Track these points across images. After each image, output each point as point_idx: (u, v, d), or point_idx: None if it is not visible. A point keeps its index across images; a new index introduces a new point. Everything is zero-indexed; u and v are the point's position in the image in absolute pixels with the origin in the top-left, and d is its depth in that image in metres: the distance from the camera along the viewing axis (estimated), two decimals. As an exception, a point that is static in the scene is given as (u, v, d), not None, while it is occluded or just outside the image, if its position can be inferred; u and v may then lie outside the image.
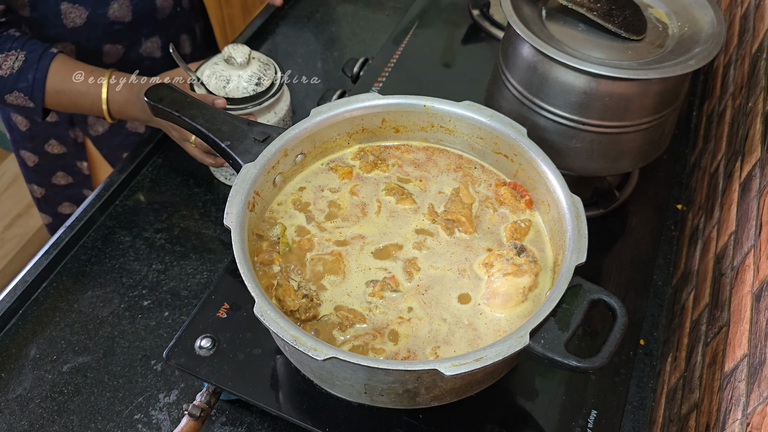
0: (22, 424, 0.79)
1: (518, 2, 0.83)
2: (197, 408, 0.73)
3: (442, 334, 0.68)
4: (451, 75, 1.18)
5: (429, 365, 0.57)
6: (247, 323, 0.76)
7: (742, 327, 0.65)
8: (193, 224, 0.99)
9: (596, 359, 0.61)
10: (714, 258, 0.82)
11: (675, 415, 0.77)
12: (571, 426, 0.72)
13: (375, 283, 0.72)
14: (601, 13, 0.82)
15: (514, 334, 0.60)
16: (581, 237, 0.67)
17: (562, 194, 0.72)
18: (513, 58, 0.85)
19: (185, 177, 1.05)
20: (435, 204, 0.80)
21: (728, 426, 0.61)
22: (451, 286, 0.72)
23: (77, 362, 0.84)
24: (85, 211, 0.98)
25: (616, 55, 0.80)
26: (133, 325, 0.88)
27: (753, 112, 0.84)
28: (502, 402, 0.74)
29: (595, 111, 0.80)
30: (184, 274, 0.93)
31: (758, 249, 0.67)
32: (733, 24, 1.10)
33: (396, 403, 0.68)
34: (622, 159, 0.86)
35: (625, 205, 0.98)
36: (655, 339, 0.84)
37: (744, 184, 0.79)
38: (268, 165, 0.75)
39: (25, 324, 0.88)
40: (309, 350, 0.58)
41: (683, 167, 1.07)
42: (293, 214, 0.78)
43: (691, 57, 0.77)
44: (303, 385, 0.72)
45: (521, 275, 0.69)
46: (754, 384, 0.58)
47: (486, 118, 0.80)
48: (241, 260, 0.65)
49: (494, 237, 0.77)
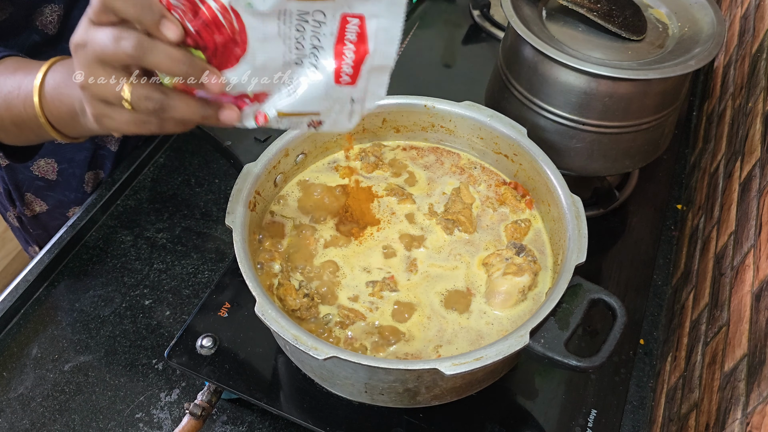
0: (24, 423, 0.79)
1: (519, 3, 0.84)
2: (198, 407, 0.73)
3: (443, 333, 0.68)
4: (452, 75, 1.18)
5: (429, 364, 0.58)
6: (248, 322, 0.76)
7: (742, 327, 0.65)
8: (194, 224, 0.99)
9: (596, 359, 0.61)
10: (714, 258, 0.82)
11: (675, 414, 0.77)
12: (571, 425, 0.72)
13: (375, 283, 0.72)
14: (601, 14, 0.82)
15: (514, 333, 0.60)
16: (581, 237, 0.68)
17: (562, 194, 0.72)
18: (513, 59, 0.85)
19: (186, 177, 1.06)
20: (435, 204, 0.80)
21: (728, 425, 0.61)
22: (451, 285, 0.72)
23: (79, 361, 0.85)
24: (87, 210, 0.98)
25: (616, 55, 0.80)
26: (134, 325, 0.88)
27: (753, 112, 0.84)
28: (502, 401, 0.74)
29: (595, 111, 0.80)
30: (185, 273, 0.93)
31: (758, 249, 0.67)
32: (733, 24, 1.10)
33: (396, 402, 0.68)
34: (622, 159, 0.86)
35: (625, 205, 0.99)
36: (655, 338, 0.84)
37: (744, 184, 0.79)
38: (269, 165, 0.75)
39: (27, 323, 0.88)
40: (310, 349, 0.58)
41: (683, 167, 1.07)
42: (294, 213, 0.78)
43: (691, 57, 0.77)
44: (304, 384, 0.72)
45: (521, 274, 0.70)
46: (754, 384, 0.58)
47: (486, 118, 0.80)
48: (242, 259, 0.65)
49: (494, 236, 0.77)
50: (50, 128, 0.66)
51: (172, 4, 0.49)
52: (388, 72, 0.57)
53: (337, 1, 0.52)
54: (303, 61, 0.55)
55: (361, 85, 0.57)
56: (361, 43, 0.54)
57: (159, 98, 0.52)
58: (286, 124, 0.58)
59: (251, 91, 0.55)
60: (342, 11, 0.53)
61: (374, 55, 0.55)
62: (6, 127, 0.70)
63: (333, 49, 0.54)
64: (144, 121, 0.54)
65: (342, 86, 0.56)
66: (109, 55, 0.50)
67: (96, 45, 0.51)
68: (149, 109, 0.53)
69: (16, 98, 0.67)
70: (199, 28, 0.50)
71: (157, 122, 0.55)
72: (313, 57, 0.55)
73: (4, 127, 0.70)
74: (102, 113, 0.55)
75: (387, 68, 0.57)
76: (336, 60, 0.55)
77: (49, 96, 0.64)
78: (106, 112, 0.54)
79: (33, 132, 0.69)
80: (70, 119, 0.64)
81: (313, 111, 0.58)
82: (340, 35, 0.54)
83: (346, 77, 0.56)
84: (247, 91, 0.55)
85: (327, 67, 0.55)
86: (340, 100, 0.58)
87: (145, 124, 0.54)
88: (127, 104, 0.53)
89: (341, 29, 0.54)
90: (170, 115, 0.54)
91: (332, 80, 0.56)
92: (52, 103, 0.64)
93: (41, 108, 0.64)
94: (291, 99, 0.56)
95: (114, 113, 0.54)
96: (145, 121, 0.54)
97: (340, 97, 0.57)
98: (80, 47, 0.52)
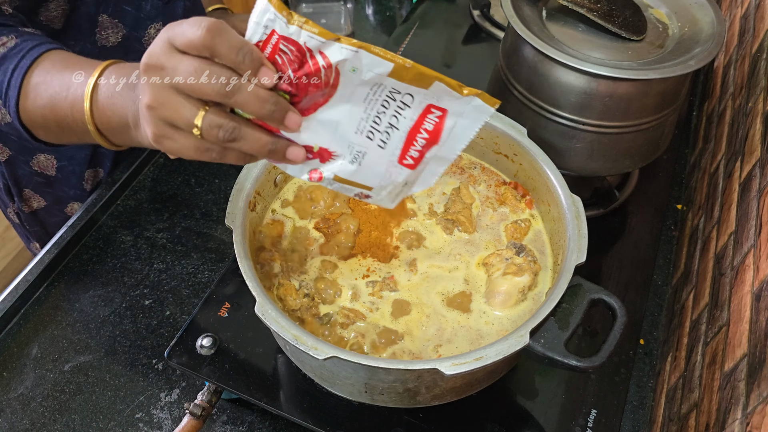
0: (24, 423, 0.79)
1: (519, 3, 0.84)
2: (198, 407, 0.73)
3: (443, 333, 0.68)
4: (452, 75, 1.17)
5: (429, 364, 0.58)
6: (248, 322, 0.76)
7: (742, 327, 0.65)
8: (194, 224, 0.99)
9: (596, 358, 0.61)
10: (714, 258, 0.82)
11: (675, 414, 0.77)
12: (571, 425, 0.72)
13: (375, 283, 0.72)
14: (601, 14, 0.82)
15: (514, 333, 0.60)
16: (581, 237, 0.68)
17: (562, 194, 0.72)
18: (513, 59, 0.85)
19: (186, 177, 1.06)
20: (435, 204, 0.80)
21: (728, 425, 0.61)
22: (451, 285, 0.72)
23: (79, 361, 0.85)
24: (87, 210, 0.98)
25: (616, 55, 0.80)
26: (134, 325, 0.88)
27: (753, 112, 0.84)
28: (502, 401, 0.74)
29: (595, 111, 0.80)
30: (185, 273, 0.93)
31: (758, 249, 0.67)
32: (733, 24, 1.10)
33: (396, 402, 0.68)
34: (622, 159, 0.86)
35: (625, 205, 0.99)
36: (655, 338, 0.84)
37: (744, 184, 0.79)
38: (269, 165, 0.75)
39: (27, 323, 0.88)
40: (310, 349, 0.58)
41: (683, 167, 1.07)
42: (294, 213, 0.78)
43: (691, 57, 0.77)
44: (304, 384, 0.72)
45: (521, 274, 0.70)
46: (754, 384, 0.58)
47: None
48: (242, 259, 0.65)
49: (494, 236, 0.77)
50: (98, 136, 0.64)
51: (281, 49, 0.49)
52: (447, 165, 0.59)
53: (430, 91, 0.53)
54: (374, 135, 0.55)
55: (419, 170, 0.59)
56: (435, 134, 0.56)
57: (231, 128, 0.50)
58: (337, 187, 0.59)
59: (318, 146, 0.55)
60: (429, 101, 0.54)
61: (442, 147, 0.57)
62: (49, 126, 0.68)
63: (407, 133, 0.56)
64: (208, 148, 0.52)
65: (403, 167, 0.58)
66: (194, 88, 0.49)
67: (180, 74, 0.49)
68: (218, 139, 0.51)
69: (63, 100, 0.64)
70: (299, 79, 0.50)
71: (220, 151, 0.53)
72: (385, 135, 0.55)
73: (46, 125, 0.68)
74: (165, 135, 0.52)
75: (448, 161, 0.59)
76: (406, 143, 0.56)
77: (101, 104, 0.62)
78: (170, 135, 0.52)
79: (76, 135, 0.67)
80: (120, 130, 0.62)
81: (367, 185, 0.59)
82: (418, 122, 0.55)
83: (410, 160, 0.57)
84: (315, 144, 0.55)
85: (396, 147, 0.56)
86: (395, 181, 0.59)
87: (207, 152, 0.52)
88: (197, 131, 0.51)
89: (421, 117, 0.55)
90: (239, 146, 0.52)
91: (396, 159, 0.57)
92: (104, 112, 0.62)
93: (91, 116, 0.62)
94: (352, 167, 0.57)
95: (178, 137, 0.52)
96: (209, 148, 0.52)
97: (397, 179, 0.58)
98: (156, 70, 0.50)
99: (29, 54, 0.67)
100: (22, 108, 0.68)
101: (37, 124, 0.69)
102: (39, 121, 0.68)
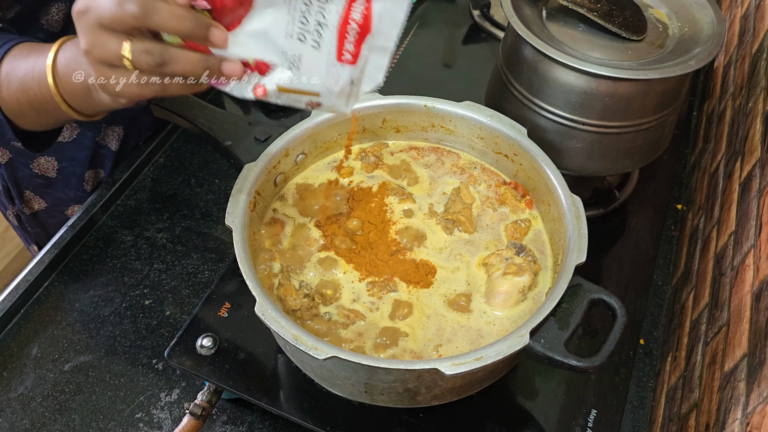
0: (24, 422, 0.79)
1: (519, 3, 0.84)
2: (198, 407, 0.73)
3: (443, 333, 0.68)
4: (452, 75, 1.18)
5: (429, 364, 0.58)
6: (248, 322, 0.76)
7: (742, 327, 0.65)
8: (194, 224, 0.99)
9: (596, 358, 0.61)
10: (714, 258, 0.82)
11: (675, 414, 0.77)
12: (571, 425, 0.72)
13: (375, 283, 0.72)
14: (601, 14, 0.82)
15: (514, 333, 0.60)
16: (581, 237, 0.68)
17: (562, 194, 0.72)
18: (513, 59, 0.85)
19: (187, 177, 1.06)
20: (435, 204, 0.80)
21: (728, 425, 0.61)
22: (451, 285, 0.72)
23: (79, 361, 0.85)
24: (87, 210, 0.98)
25: (616, 55, 0.80)
26: (134, 325, 0.88)
27: (753, 113, 0.84)
28: (502, 401, 0.74)
29: (595, 111, 0.80)
30: (185, 273, 0.93)
31: (758, 249, 0.67)
32: (733, 24, 1.10)
33: (396, 402, 0.68)
34: (622, 159, 0.86)
35: (625, 205, 0.99)
36: (655, 338, 0.84)
37: (744, 184, 0.79)
38: (269, 165, 0.75)
39: (27, 323, 0.88)
40: (310, 349, 0.58)
41: (683, 167, 1.07)
42: (294, 213, 0.78)
43: (691, 57, 0.77)
44: (304, 384, 0.72)
45: (521, 274, 0.70)
46: (754, 384, 0.58)
47: (486, 119, 0.80)
48: (242, 259, 0.65)
49: (494, 236, 0.77)
50: (66, 106, 0.67)
51: None
52: (388, 55, 0.58)
53: None
54: (306, 37, 0.55)
55: (360, 65, 0.57)
56: (366, 22, 0.55)
57: (159, 51, 0.53)
58: (285, 100, 0.58)
59: (252, 59, 0.55)
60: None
61: (376, 35, 0.56)
62: (24, 111, 0.71)
63: (338, 28, 0.55)
64: (146, 81, 0.55)
65: (343, 64, 0.56)
66: (113, 18, 0.51)
67: (99, 10, 0.51)
68: (150, 64, 0.53)
69: (31, 80, 0.67)
70: None
71: (160, 83, 0.55)
72: (316, 34, 0.55)
73: (22, 110, 0.71)
74: (106, 76, 0.55)
75: (387, 50, 0.57)
76: (339, 38, 0.55)
77: (62, 73, 0.64)
78: (109, 75, 0.55)
79: (50, 113, 0.70)
80: (84, 96, 0.65)
81: (313, 91, 0.58)
82: (345, 14, 0.54)
83: (348, 55, 0.56)
84: (248, 57, 0.55)
85: (330, 44, 0.55)
86: (340, 81, 0.58)
87: (149, 86, 0.55)
88: (128, 62, 0.53)
89: (348, 8, 0.54)
90: (172, 69, 0.54)
91: (334, 57, 0.56)
92: (65, 80, 0.64)
93: (56, 86, 0.65)
94: (291, 74, 0.56)
95: (116, 74, 0.55)
96: (148, 81, 0.55)
97: (341, 77, 0.57)
98: (82, 14, 0.53)
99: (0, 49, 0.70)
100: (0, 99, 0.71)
101: (15, 111, 0.72)
102: (15, 108, 0.71)
